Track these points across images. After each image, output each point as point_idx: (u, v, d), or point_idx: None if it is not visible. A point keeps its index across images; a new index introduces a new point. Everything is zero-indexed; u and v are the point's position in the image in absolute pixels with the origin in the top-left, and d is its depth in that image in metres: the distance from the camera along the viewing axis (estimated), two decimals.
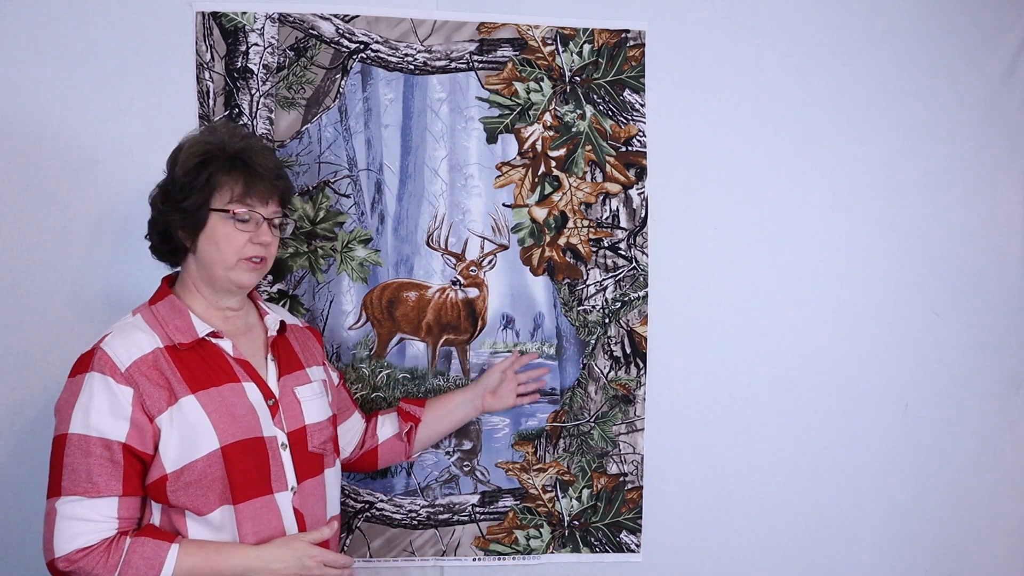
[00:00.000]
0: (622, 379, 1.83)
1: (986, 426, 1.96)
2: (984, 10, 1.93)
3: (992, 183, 1.95)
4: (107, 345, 1.28)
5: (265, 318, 1.46)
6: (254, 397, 1.35)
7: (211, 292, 1.38)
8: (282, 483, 1.35)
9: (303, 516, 1.37)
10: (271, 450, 1.35)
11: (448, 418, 1.69)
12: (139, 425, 1.25)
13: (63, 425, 1.25)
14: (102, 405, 1.24)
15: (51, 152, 1.65)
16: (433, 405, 1.69)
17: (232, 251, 1.33)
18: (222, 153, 1.34)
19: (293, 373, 1.45)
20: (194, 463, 1.27)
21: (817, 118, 1.87)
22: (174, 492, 1.27)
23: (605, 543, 1.83)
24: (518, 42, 1.78)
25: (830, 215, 1.89)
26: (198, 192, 1.32)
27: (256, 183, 1.34)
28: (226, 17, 1.69)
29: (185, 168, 1.33)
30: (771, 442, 1.88)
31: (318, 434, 1.43)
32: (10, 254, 1.64)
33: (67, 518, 1.22)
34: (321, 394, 1.48)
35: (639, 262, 1.82)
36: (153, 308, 1.36)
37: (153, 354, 1.29)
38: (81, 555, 1.21)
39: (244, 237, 1.34)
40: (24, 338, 1.64)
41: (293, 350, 1.49)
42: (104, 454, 1.24)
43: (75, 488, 1.23)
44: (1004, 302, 1.96)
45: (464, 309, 1.79)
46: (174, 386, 1.29)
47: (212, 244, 1.33)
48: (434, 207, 1.77)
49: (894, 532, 1.93)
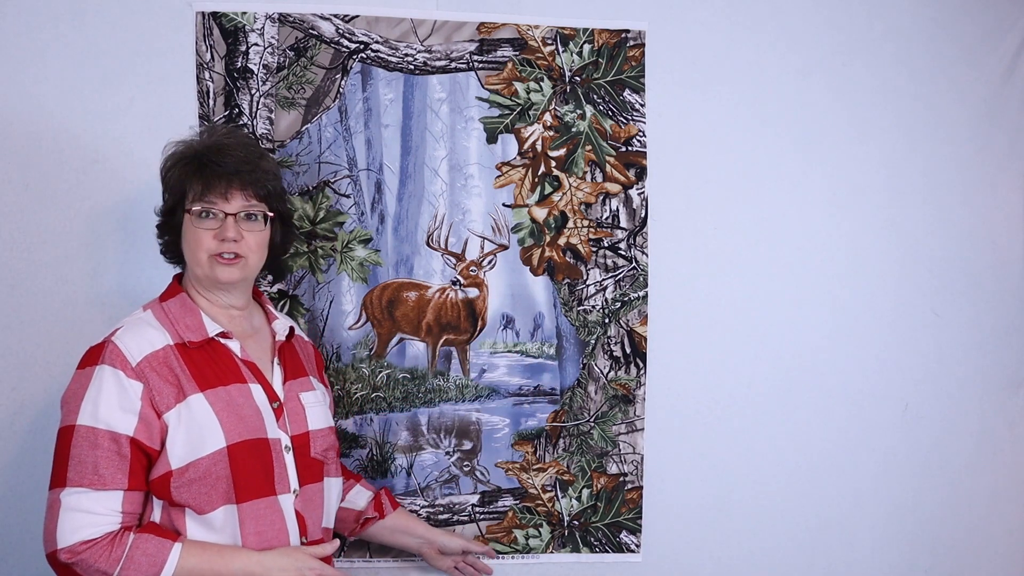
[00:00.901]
0: (622, 379, 1.83)
1: (986, 426, 1.96)
2: (984, 10, 1.93)
3: (992, 183, 1.95)
4: (118, 339, 1.28)
5: (274, 323, 1.47)
6: (259, 399, 1.35)
7: (205, 291, 1.38)
8: (285, 485, 1.35)
9: (304, 519, 1.37)
10: (275, 452, 1.35)
11: (399, 538, 1.64)
12: (147, 420, 1.26)
13: (71, 416, 1.25)
14: (111, 398, 1.24)
15: (51, 152, 1.65)
16: (399, 517, 1.64)
17: (200, 249, 1.33)
18: (190, 153, 1.36)
19: (298, 379, 1.45)
20: (199, 460, 1.27)
21: (817, 118, 1.88)
22: (177, 489, 1.26)
23: (605, 543, 1.83)
24: (518, 42, 1.78)
25: (830, 215, 1.89)
26: (173, 196, 1.36)
27: (213, 180, 1.33)
28: (226, 17, 1.69)
29: (162, 172, 1.38)
30: (771, 442, 1.88)
31: (320, 441, 1.43)
32: (10, 254, 1.64)
33: (71, 510, 1.22)
34: (324, 402, 1.48)
35: (639, 262, 1.82)
36: (164, 305, 1.36)
37: (164, 351, 1.30)
38: (84, 547, 1.21)
39: (209, 235, 1.33)
40: (24, 338, 1.64)
41: (299, 358, 1.49)
42: (112, 447, 1.23)
43: (81, 480, 1.22)
44: (1004, 302, 1.96)
45: (464, 309, 1.79)
46: (183, 383, 1.29)
47: (186, 244, 1.36)
48: (434, 207, 1.77)
49: (894, 532, 1.93)
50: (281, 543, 1.33)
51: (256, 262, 1.39)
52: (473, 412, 1.80)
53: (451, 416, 1.79)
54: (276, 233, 1.44)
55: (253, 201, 1.37)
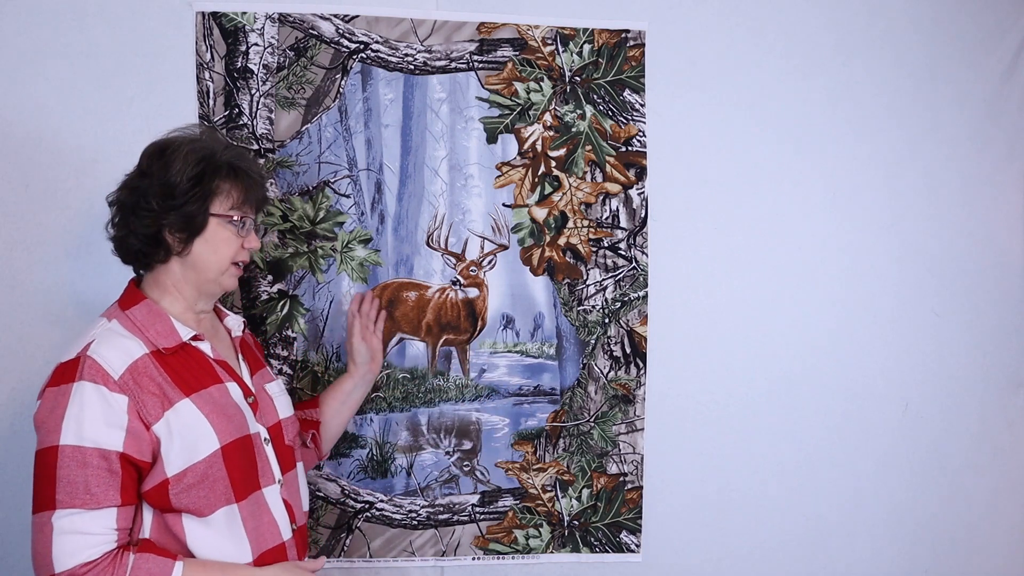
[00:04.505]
0: (622, 379, 1.83)
1: (986, 426, 1.96)
2: (984, 10, 1.93)
3: (992, 183, 1.95)
4: (95, 352, 1.25)
5: (226, 320, 1.48)
6: (237, 396, 1.37)
7: (194, 295, 1.37)
8: (269, 477, 1.38)
9: (292, 507, 1.41)
10: (257, 446, 1.37)
11: (346, 406, 1.66)
12: (136, 433, 1.24)
13: (52, 437, 1.21)
14: (95, 415, 1.22)
15: (51, 152, 1.65)
16: (328, 400, 1.65)
17: (228, 255, 1.37)
18: (220, 159, 1.36)
19: (259, 371, 1.48)
20: (196, 465, 1.27)
21: (817, 118, 1.88)
22: (176, 495, 1.26)
23: (605, 543, 1.83)
24: (518, 42, 1.78)
25: (830, 215, 1.89)
26: (199, 197, 1.33)
27: (253, 190, 1.39)
28: (226, 17, 1.69)
29: (186, 173, 1.33)
30: (771, 442, 1.88)
31: (291, 427, 1.47)
32: (10, 254, 1.64)
33: (66, 532, 1.20)
34: (284, 390, 1.52)
35: (639, 262, 1.82)
36: (128, 313, 1.33)
37: (143, 359, 1.28)
38: (85, 570, 1.19)
39: (239, 242, 1.38)
40: (24, 338, 1.64)
41: (254, 351, 1.53)
42: (102, 464, 1.21)
43: (72, 501, 1.20)
44: (1004, 302, 1.96)
45: (464, 309, 1.79)
46: (167, 391, 1.27)
47: (210, 248, 1.35)
48: (434, 207, 1.77)
49: (894, 532, 1.93)
50: (275, 535, 1.36)
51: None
52: (473, 412, 1.80)
53: (451, 416, 1.79)
54: None
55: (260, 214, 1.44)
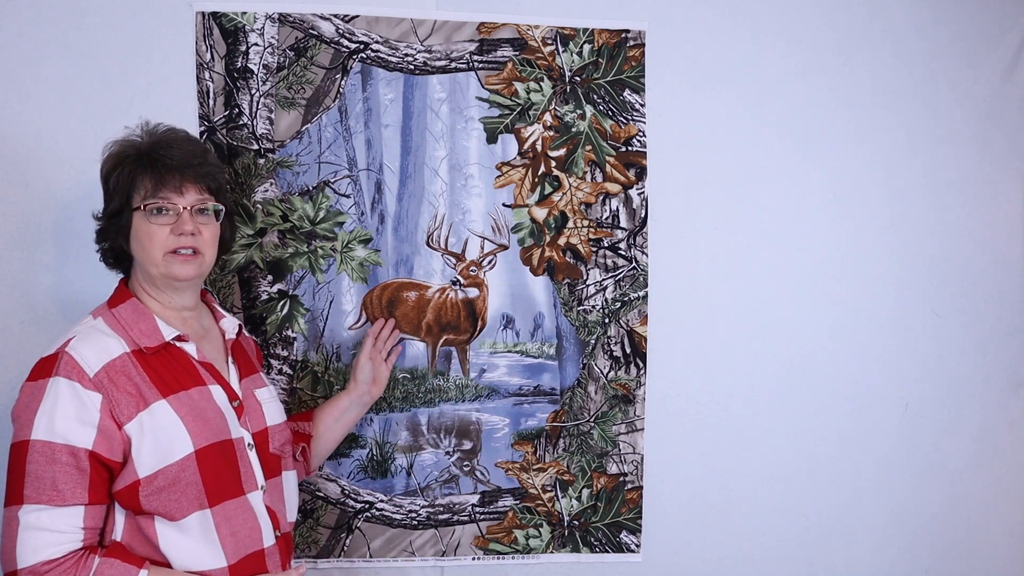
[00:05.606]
0: (622, 379, 1.83)
1: (986, 426, 1.96)
2: (984, 10, 1.93)
3: (992, 183, 1.95)
4: (73, 349, 1.24)
5: (221, 321, 1.46)
6: (220, 400, 1.35)
7: (157, 292, 1.36)
8: (252, 483, 1.35)
9: (275, 514, 1.38)
10: (239, 451, 1.34)
11: (339, 424, 1.65)
12: (107, 432, 1.22)
13: (24, 431, 1.21)
14: (68, 411, 1.21)
15: (51, 152, 1.65)
16: (322, 416, 1.64)
17: (156, 247, 1.31)
18: (133, 152, 1.34)
19: (251, 376, 1.46)
20: (168, 467, 1.25)
21: (817, 118, 1.88)
22: (147, 497, 1.24)
23: (605, 543, 1.83)
24: (518, 42, 1.78)
25: (830, 215, 1.89)
26: (118, 196, 1.33)
27: (166, 174, 1.32)
28: (226, 17, 1.69)
29: (104, 175, 1.35)
30: (771, 442, 1.88)
31: (278, 436, 1.44)
32: (10, 254, 1.64)
33: (32, 528, 1.19)
34: (276, 397, 1.49)
35: (639, 262, 1.82)
36: (115, 311, 1.33)
37: (121, 359, 1.27)
38: (48, 568, 1.18)
39: (164, 231, 1.32)
40: (24, 338, 1.64)
41: (248, 355, 1.50)
42: (70, 461, 1.20)
43: (39, 496, 1.19)
44: (1004, 302, 1.96)
45: (464, 309, 1.79)
46: (144, 391, 1.26)
47: (138, 244, 1.33)
48: (434, 207, 1.77)
49: (894, 532, 1.93)
50: (256, 541, 1.33)
51: (211, 258, 1.38)
52: (473, 412, 1.80)
53: (451, 416, 1.79)
54: (226, 228, 1.44)
55: (205, 195, 1.36)
